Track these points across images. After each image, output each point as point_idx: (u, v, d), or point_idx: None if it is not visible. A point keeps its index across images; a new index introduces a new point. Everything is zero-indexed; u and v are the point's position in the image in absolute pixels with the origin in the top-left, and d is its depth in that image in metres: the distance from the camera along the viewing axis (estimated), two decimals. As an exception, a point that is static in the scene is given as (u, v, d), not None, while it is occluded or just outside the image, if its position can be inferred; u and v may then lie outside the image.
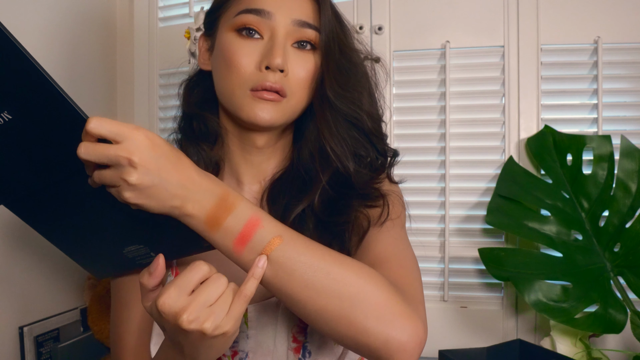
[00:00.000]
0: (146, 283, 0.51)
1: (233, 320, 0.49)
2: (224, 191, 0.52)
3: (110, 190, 0.50)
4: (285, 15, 0.66)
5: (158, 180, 0.48)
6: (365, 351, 0.54)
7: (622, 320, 0.96)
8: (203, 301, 0.48)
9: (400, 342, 0.52)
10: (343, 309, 0.52)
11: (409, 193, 1.19)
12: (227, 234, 0.52)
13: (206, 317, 0.48)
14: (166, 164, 0.49)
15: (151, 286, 0.51)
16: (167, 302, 0.48)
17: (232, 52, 0.66)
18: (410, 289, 0.58)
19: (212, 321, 0.48)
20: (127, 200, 0.48)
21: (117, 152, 0.46)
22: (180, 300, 0.48)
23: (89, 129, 0.46)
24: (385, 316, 0.52)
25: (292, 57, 0.66)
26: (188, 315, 0.47)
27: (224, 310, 0.49)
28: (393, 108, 1.22)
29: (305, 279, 0.52)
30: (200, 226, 0.51)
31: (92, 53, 1.31)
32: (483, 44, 1.18)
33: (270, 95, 0.64)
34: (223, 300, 0.49)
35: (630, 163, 1.05)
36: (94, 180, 0.50)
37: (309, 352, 0.66)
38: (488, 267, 1.06)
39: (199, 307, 0.48)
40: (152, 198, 0.49)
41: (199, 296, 0.48)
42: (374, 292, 0.52)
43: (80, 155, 0.47)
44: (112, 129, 0.47)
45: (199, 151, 0.73)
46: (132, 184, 0.47)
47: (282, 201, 0.70)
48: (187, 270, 0.49)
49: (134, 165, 0.47)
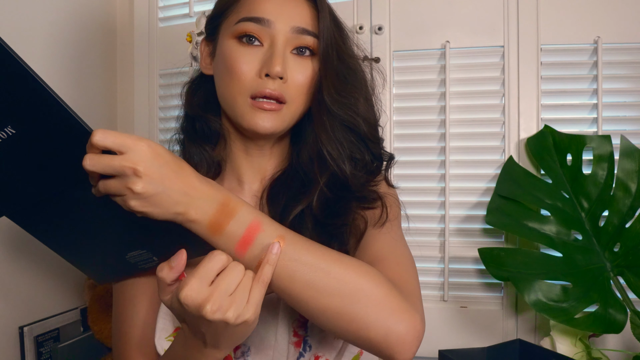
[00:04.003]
0: (165, 277, 0.52)
1: (253, 307, 0.50)
2: (225, 197, 0.54)
3: (115, 199, 0.51)
4: (285, 23, 0.68)
5: (162, 189, 0.49)
6: (366, 345, 0.56)
7: (622, 320, 0.96)
8: (224, 290, 0.49)
9: (400, 335, 0.54)
10: (344, 306, 0.54)
11: (408, 193, 1.20)
12: (229, 239, 0.53)
13: (228, 306, 0.49)
14: (169, 173, 0.50)
15: (170, 280, 0.52)
16: (189, 293, 0.48)
17: (233, 59, 0.68)
18: (407, 286, 0.60)
19: (234, 310, 0.49)
20: (133, 208, 0.49)
21: (122, 163, 0.48)
22: (202, 291, 0.49)
23: (94, 142, 0.47)
24: (384, 311, 0.54)
25: (292, 63, 0.68)
26: (212, 305, 0.48)
27: (245, 298, 0.50)
28: (393, 108, 1.22)
29: (307, 279, 0.54)
30: (204, 231, 0.53)
31: (92, 53, 1.31)
32: (483, 44, 1.18)
33: (270, 105, 0.67)
34: (242, 288, 0.50)
35: (630, 163, 1.05)
36: (98, 190, 0.51)
37: (310, 346, 0.67)
38: (488, 267, 1.06)
39: (221, 296, 0.49)
40: (156, 206, 0.50)
41: (220, 285, 0.49)
42: (373, 289, 0.55)
43: (85, 167, 0.48)
44: (116, 141, 0.48)
45: (202, 152, 0.75)
46: (137, 193, 0.48)
47: (281, 201, 0.71)
48: (206, 261, 0.50)
49: (139, 175, 0.48)
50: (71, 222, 0.58)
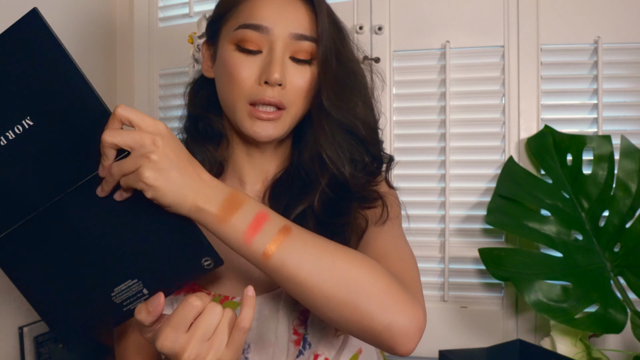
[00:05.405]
0: (144, 320, 0.52)
1: (233, 351, 0.50)
2: (233, 190, 0.55)
3: (127, 181, 0.51)
4: (283, 30, 0.68)
5: (175, 167, 0.51)
6: (369, 335, 0.56)
7: (622, 320, 0.96)
8: (201, 336, 0.49)
9: (403, 325, 0.54)
10: (348, 295, 0.54)
11: (409, 193, 1.20)
12: (236, 228, 0.54)
13: (207, 352, 0.48)
14: (182, 156, 0.52)
15: (148, 323, 0.52)
16: (165, 343, 0.48)
17: (232, 66, 0.69)
18: (409, 280, 0.61)
19: (212, 355, 0.49)
20: (146, 180, 0.49)
21: (142, 133, 0.50)
22: (178, 340, 0.48)
23: (118, 113, 0.49)
24: (387, 301, 0.55)
25: (290, 68, 0.69)
26: (189, 354, 0.48)
27: (223, 342, 0.50)
28: (393, 108, 1.22)
29: (312, 267, 0.54)
30: (211, 220, 0.53)
31: (92, 53, 1.31)
32: (483, 44, 1.18)
33: (268, 115, 0.68)
34: (221, 331, 0.50)
35: (630, 163, 1.05)
36: (108, 180, 0.52)
37: (309, 344, 0.67)
38: (488, 267, 1.06)
39: (198, 343, 0.48)
40: (169, 182, 0.50)
41: (197, 332, 0.49)
42: (377, 279, 0.55)
43: (105, 139, 0.49)
44: (138, 115, 0.50)
45: (204, 151, 0.76)
46: (154, 161, 0.49)
47: (283, 201, 0.72)
48: (180, 308, 0.50)
49: (157, 145, 0.50)
50: (54, 247, 0.55)
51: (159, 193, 0.50)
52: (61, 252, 0.55)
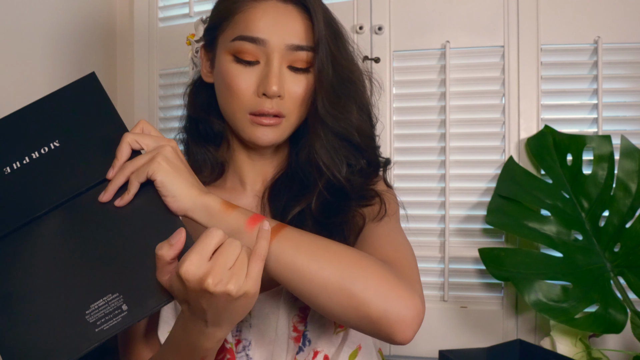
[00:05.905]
0: (165, 254, 0.51)
1: (252, 280, 0.51)
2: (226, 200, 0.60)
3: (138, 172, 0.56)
4: (279, 41, 0.69)
5: (184, 165, 0.59)
6: (366, 323, 0.56)
7: (622, 320, 0.96)
8: (223, 264, 0.50)
9: (400, 312, 0.55)
10: (344, 280, 0.56)
11: (408, 193, 1.20)
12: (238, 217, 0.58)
13: (229, 279, 0.50)
14: (188, 167, 0.60)
15: (170, 258, 0.52)
16: (190, 268, 0.49)
17: (230, 77, 0.70)
18: (405, 269, 0.62)
19: (235, 282, 0.50)
20: (159, 163, 0.55)
21: (158, 137, 0.59)
22: (203, 265, 0.49)
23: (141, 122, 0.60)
24: (382, 288, 0.56)
25: (288, 78, 0.70)
26: (213, 278, 0.49)
27: (244, 271, 0.51)
28: (393, 108, 1.22)
29: (309, 255, 0.57)
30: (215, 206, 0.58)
31: (92, 53, 1.31)
32: (483, 44, 1.18)
33: (269, 121, 0.70)
34: (240, 262, 0.51)
35: (630, 163, 1.05)
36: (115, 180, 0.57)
37: (309, 341, 0.68)
38: (488, 267, 1.06)
39: (221, 269, 0.49)
40: (178, 173, 0.57)
41: (219, 260, 0.50)
42: (373, 266, 0.57)
43: (127, 135, 0.57)
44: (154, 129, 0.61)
45: (205, 152, 0.78)
46: (168, 153, 0.57)
47: (282, 201, 0.74)
48: (204, 237, 0.51)
49: (171, 146, 0.58)
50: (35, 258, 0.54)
51: (168, 177, 0.55)
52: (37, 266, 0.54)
